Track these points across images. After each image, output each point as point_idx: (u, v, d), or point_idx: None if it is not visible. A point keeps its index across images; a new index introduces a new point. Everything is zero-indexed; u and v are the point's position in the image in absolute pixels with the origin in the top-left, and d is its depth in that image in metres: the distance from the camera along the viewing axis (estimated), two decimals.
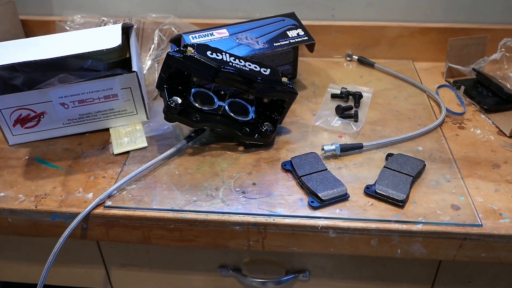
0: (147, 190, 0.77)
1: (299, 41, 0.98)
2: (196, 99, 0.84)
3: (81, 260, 0.88)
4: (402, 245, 0.72)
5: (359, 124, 0.92)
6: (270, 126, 0.85)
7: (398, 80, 1.10)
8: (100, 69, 0.94)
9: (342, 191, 0.74)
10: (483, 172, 0.81)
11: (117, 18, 1.18)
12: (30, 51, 0.83)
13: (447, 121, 0.95)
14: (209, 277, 0.87)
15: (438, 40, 1.16)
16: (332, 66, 1.18)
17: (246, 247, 0.75)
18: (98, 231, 0.75)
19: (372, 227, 0.70)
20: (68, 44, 0.84)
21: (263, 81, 0.82)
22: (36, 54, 0.80)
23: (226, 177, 0.80)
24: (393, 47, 1.19)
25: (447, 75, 1.10)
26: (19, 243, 0.87)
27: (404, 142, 0.88)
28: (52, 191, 0.77)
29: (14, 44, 0.87)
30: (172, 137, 0.90)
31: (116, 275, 0.90)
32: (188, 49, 0.78)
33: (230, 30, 0.97)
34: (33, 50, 0.83)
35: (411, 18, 1.18)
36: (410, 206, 0.73)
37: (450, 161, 0.83)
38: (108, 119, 0.91)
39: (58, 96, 0.85)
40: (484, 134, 0.91)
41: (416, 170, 0.78)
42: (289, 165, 0.81)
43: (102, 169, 0.82)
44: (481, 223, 0.70)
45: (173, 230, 0.74)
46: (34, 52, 0.81)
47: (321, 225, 0.71)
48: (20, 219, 0.76)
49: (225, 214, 0.72)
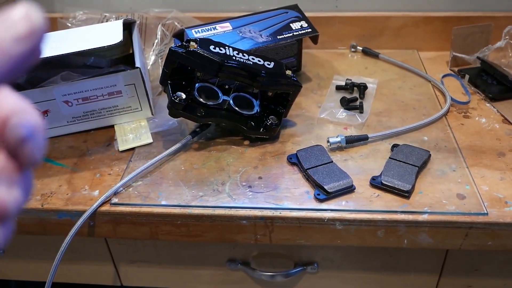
0: (153, 186, 0.77)
1: (303, 33, 0.98)
2: (200, 94, 0.84)
3: (90, 257, 0.89)
4: (409, 235, 0.72)
5: (364, 115, 0.92)
6: (275, 120, 0.85)
7: (403, 70, 1.10)
8: (103, 66, 0.94)
9: (348, 183, 0.74)
10: (488, 161, 0.81)
11: (120, 14, 1.17)
12: None
13: (452, 111, 0.94)
14: (218, 271, 0.88)
15: (442, 29, 1.16)
16: (336, 57, 1.17)
17: (254, 241, 0.75)
18: (105, 228, 0.76)
19: (379, 218, 0.70)
20: (70, 42, 0.84)
21: (267, 74, 0.81)
22: None
23: (232, 172, 0.80)
24: (398, 37, 1.18)
25: (452, 64, 1.09)
26: (28, 241, 0.88)
27: (410, 133, 0.88)
28: (58, 189, 0.78)
29: None
30: (177, 132, 0.90)
31: (125, 271, 0.90)
32: (191, 44, 0.78)
33: (233, 24, 0.96)
34: None
35: (415, 8, 1.17)
36: (416, 197, 0.73)
37: (455, 150, 0.83)
38: (113, 116, 0.91)
39: (61, 94, 0.85)
40: (489, 123, 0.90)
41: (421, 160, 0.78)
42: (294, 158, 0.81)
43: (107, 166, 0.82)
44: (487, 211, 0.70)
45: (180, 225, 0.74)
46: None
47: (327, 217, 0.71)
48: (27, 218, 0.76)
49: (232, 208, 0.72)
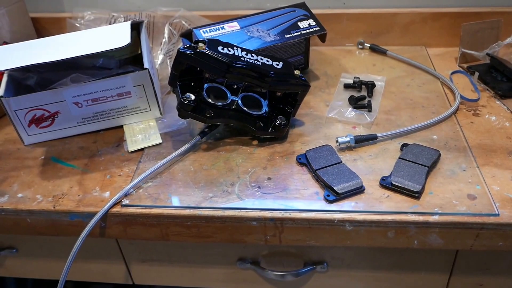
0: (163, 188, 0.77)
1: (311, 32, 0.98)
2: (209, 94, 0.84)
3: (101, 256, 0.90)
4: (419, 236, 0.72)
5: (372, 114, 0.92)
6: (284, 120, 0.85)
7: (411, 67, 1.09)
8: (112, 67, 0.95)
9: (358, 183, 0.74)
10: (499, 160, 0.80)
11: (128, 13, 1.18)
12: (42, 52, 0.83)
13: (461, 108, 0.94)
14: (229, 270, 0.88)
15: (450, 25, 1.15)
16: (344, 54, 1.17)
17: (263, 242, 0.75)
18: (116, 230, 0.76)
19: (389, 219, 0.70)
20: (79, 44, 0.85)
21: (275, 75, 0.81)
22: (48, 55, 0.80)
23: (241, 172, 0.80)
24: (406, 34, 1.18)
25: (461, 60, 1.08)
26: (41, 240, 0.89)
27: (419, 131, 0.87)
28: (69, 191, 0.78)
29: (26, 45, 0.88)
30: (186, 132, 0.90)
31: (136, 270, 0.91)
32: (199, 45, 0.78)
33: (241, 23, 0.96)
34: (45, 51, 0.84)
35: (423, 4, 1.16)
36: (426, 197, 0.73)
37: (465, 149, 0.83)
38: (122, 117, 0.91)
39: (71, 95, 0.85)
40: (500, 121, 0.90)
41: (431, 160, 0.78)
42: (304, 158, 0.81)
43: (117, 167, 0.83)
44: (498, 212, 0.70)
45: (190, 227, 0.74)
46: (46, 53, 0.82)
47: (337, 218, 0.71)
48: (39, 220, 0.77)
49: (241, 210, 0.72)
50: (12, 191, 0.79)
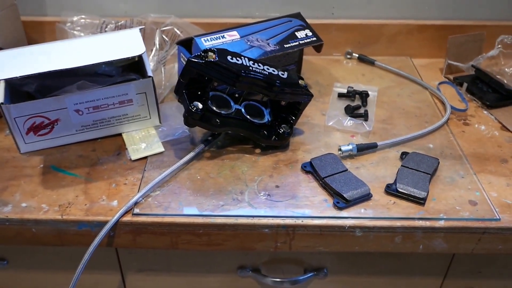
0: (172, 196, 0.77)
1: (308, 42, 1.00)
2: (213, 102, 0.84)
3: (96, 266, 0.87)
4: (424, 241, 0.74)
5: (369, 123, 0.94)
6: (288, 128, 0.87)
7: (399, 77, 1.13)
8: (113, 74, 0.94)
9: (366, 191, 0.76)
10: (493, 168, 0.84)
11: (117, 18, 1.16)
12: (46, 59, 0.82)
13: (452, 118, 0.98)
14: (227, 278, 0.88)
15: (435, 37, 1.19)
16: (333, 64, 1.19)
17: (273, 249, 0.76)
18: (125, 239, 0.75)
19: (397, 225, 0.73)
20: (87, 51, 0.84)
21: (281, 84, 0.83)
22: (53, 63, 0.79)
23: (248, 181, 0.81)
24: (392, 44, 1.21)
25: (446, 71, 1.13)
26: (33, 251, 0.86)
27: (415, 140, 0.91)
28: (75, 200, 0.77)
29: (29, 50, 0.85)
30: (187, 141, 0.90)
31: (131, 281, 0.90)
32: (209, 55, 0.79)
33: (241, 32, 0.97)
34: (48, 58, 0.82)
35: (409, 15, 1.20)
36: (430, 203, 0.76)
37: (461, 157, 0.86)
38: (121, 125, 0.90)
39: (73, 103, 0.84)
40: (489, 130, 0.94)
41: (432, 167, 0.81)
42: (309, 166, 0.82)
43: (122, 176, 0.82)
44: (499, 217, 0.74)
45: (201, 235, 0.74)
46: (50, 61, 0.81)
47: (348, 225, 0.73)
48: (45, 229, 0.75)
49: (254, 217, 0.73)
50: (15, 200, 0.77)
